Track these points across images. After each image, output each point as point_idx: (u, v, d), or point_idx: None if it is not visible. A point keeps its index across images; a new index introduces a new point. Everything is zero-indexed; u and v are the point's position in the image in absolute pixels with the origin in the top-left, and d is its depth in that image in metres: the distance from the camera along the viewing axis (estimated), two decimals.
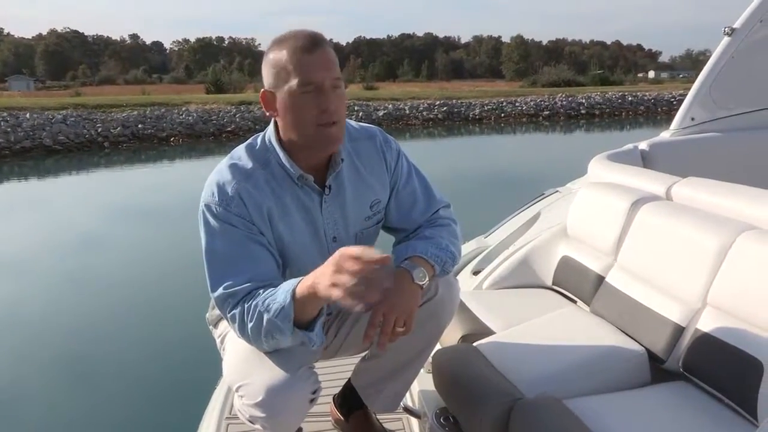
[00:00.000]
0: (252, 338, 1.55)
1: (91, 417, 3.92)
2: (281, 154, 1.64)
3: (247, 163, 1.64)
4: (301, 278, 1.45)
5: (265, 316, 1.47)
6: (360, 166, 1.76)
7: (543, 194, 3.52)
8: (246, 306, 1.51)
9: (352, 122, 1.83)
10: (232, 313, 1.55)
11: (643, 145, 3.28)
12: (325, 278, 1.36)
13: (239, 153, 1.68)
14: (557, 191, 3.43)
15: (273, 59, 1.56)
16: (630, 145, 3.26)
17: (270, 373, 1.54)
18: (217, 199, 1.59)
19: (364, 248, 1.33)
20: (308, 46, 1.52)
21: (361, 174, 1.76)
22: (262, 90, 1.62)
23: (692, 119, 3.45)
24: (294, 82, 1.52)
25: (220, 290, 1.56)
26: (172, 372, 4.41)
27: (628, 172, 2.69)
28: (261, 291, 1.52)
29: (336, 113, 1.55)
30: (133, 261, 7.50)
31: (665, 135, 3.49)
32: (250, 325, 1.51)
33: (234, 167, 1.64)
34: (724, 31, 3.29)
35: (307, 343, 1.50)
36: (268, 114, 1.64)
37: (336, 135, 1.58)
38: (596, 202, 2.54)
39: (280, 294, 1.46)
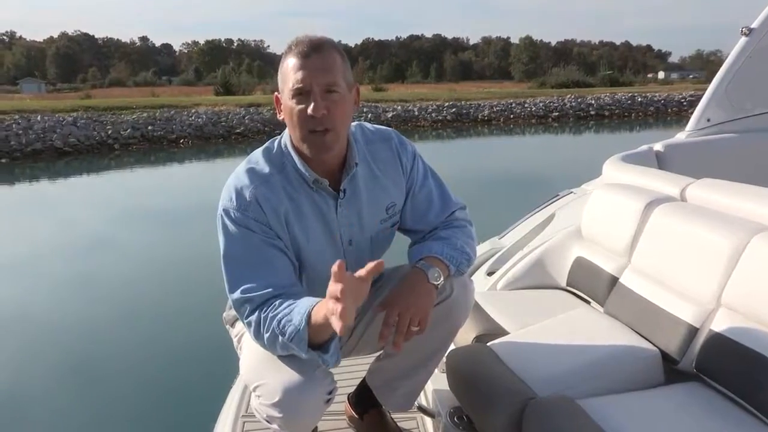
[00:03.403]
0: (267, 346, 1.57)
1: (109, 414, 3.96)
2: (296, 159, 1.65)
3: (264, 168, 1.66)
4: (317, 301, 1.45)
5: (280, 338, 1.49)
6: (375, 169, 1.77)
7: (558, 195, 3.51)
8: (263, 316, 1.53)
9: (368, 124, 1.84)
10: (248, 319, 1.57)
11: (657, 146, 3.27)
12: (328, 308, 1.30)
13: (256, 157, 1.70)
14: (572, 192, 3.42)
15: (281, 63, 1.60)
16: (645, 147, 3.25)
17: (287, 373, 1.56)
18: (235, 203, 1.61)
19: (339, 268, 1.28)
20: (306, 51, 1.54)
21: (377, 177, 1.77)
22: (275, 92, 1.66)
23: (708, 120, 3.43)
24: (288, 86, 1.55)
25: (238, 294, 1.58)
26: (189, 370, 4.44)
27: (643, 173, 2.69)
28: (277, 301, 1.53)
29: (326, 120, 1.55)
30: (146, 262, 7.54)
31: (681, 136, 3.47)
32: (266, 336, 1.53)
33: (251, 172, 1.65)
34: (742, 31, 3.27)
35: (321, 364, 1.52)
36: (279, 116, 1.66)
37: (327, 142, 1.58)
38: (610, 203, 2.55)
39: (296, 316, 1.47)
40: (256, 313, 1.54)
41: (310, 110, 1.53)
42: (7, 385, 4.40)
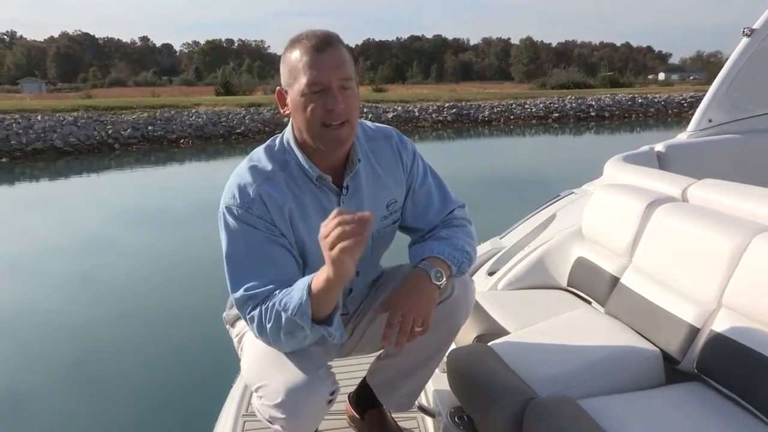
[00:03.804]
0: (271, 338, 1.55)
1: (109, 414, 3.96)
2: (299, 155, 1.64)
3: (267, 165, 1.65)
4: (314, 274, 1.46)
5: (284, 315, 1.48)
6: (377, 166, 1.77)
7: (559, 195, 3.50)
8: (264, 307, 1.52)
9: (368, 123, 1.84)
10: (251, 314, 1.55)
11: (659, 147, 3.26)
12: (327, 262, 1.35)
13: (258, 155, 1.69)
14: (573, 192, 3.41)
15: (287, 58, 1.57)
16: (646, 147, 3.25)
17: (289, 374, 1.55)
18: (238, 201, 1.59)
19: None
20: (319, 45, 1.52)
21: (378, 174, 1.77)
22: (278, 88, 1.63)
23: (710, 120, 3.43)
24: (303, 81, 1.53)
25: (241, 292, 1.56)
26: (190, 370, 4.44)
27: (644, 173, 2.69)
28: (279, 292, 1.52)
29: (344, 114, 1.54)
30: (147, 262, 7.54)
31: (682, 136, 3.47)
32: (268, 326, 1.52)
33: (254, 169, 1.64)
34: (743, 31, 3.27)
35: (328, 338, 1.51)
36: (282, 111, 1.64)
37: (343, 136, 1.58)
38: (612, 204, 2.55)
39: (296, 292, 1.46)
40: (258, 308, 1.53)
41: (330, 106, 1.52)
42: (7, 385, 4.41)
